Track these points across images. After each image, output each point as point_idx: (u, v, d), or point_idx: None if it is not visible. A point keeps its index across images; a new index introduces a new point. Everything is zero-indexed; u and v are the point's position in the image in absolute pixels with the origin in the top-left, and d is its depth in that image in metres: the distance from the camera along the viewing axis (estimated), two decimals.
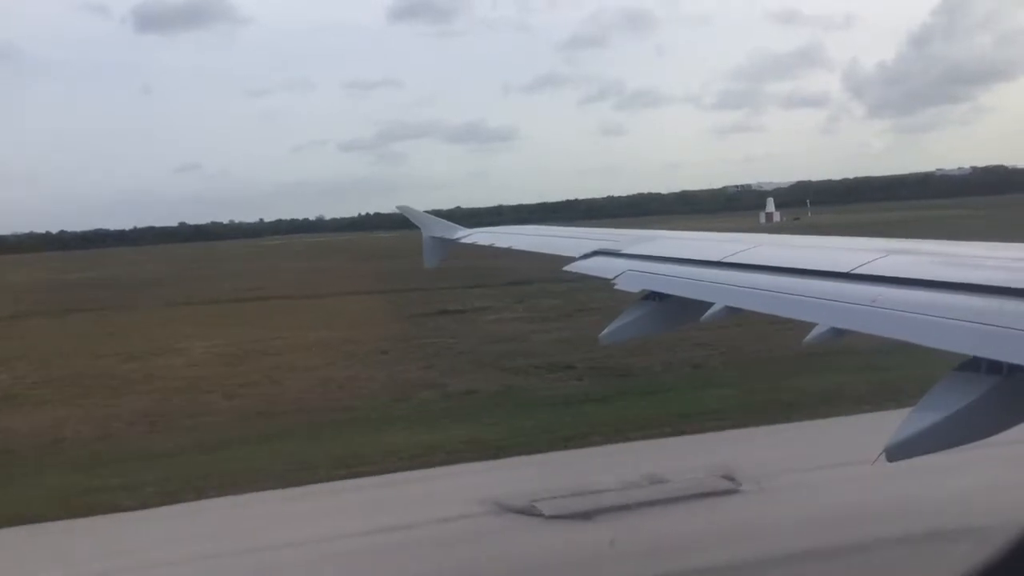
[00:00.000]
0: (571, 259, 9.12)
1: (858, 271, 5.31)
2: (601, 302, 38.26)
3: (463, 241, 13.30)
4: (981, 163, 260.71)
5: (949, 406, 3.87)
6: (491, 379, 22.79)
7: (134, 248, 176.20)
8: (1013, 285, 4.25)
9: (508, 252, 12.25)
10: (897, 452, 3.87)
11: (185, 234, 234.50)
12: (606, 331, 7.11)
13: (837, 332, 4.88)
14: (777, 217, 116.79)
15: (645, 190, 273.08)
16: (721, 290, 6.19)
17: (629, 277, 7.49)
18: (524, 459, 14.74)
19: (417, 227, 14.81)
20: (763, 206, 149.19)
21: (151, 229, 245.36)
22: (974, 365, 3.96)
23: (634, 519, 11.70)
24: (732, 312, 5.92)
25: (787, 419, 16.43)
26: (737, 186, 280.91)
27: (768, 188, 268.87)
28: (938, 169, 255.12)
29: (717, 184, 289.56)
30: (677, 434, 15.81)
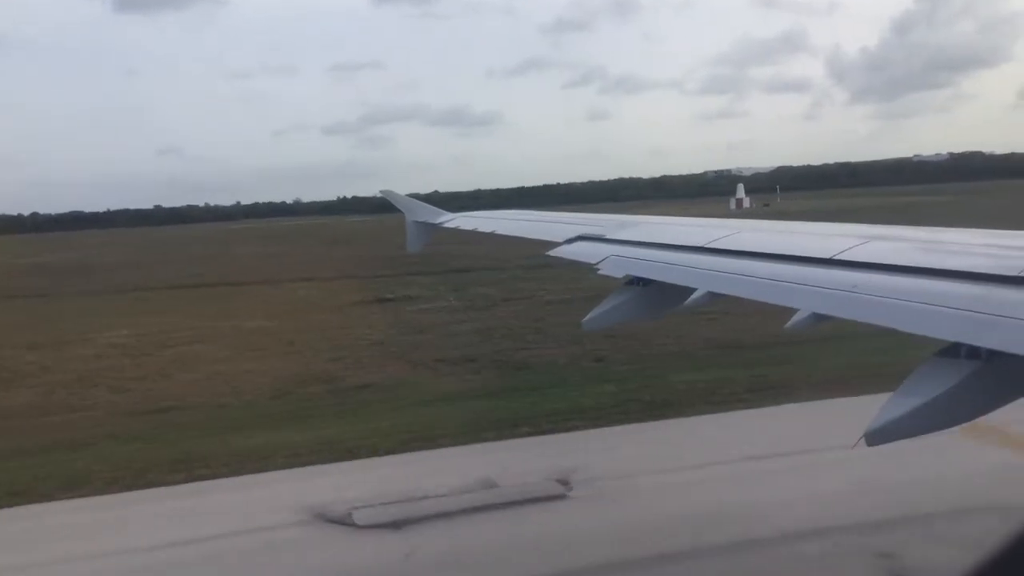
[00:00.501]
0: (554, 244, 9.05)
1: (840, 257, 5.29)
2: (535, 290, 37.95)
3: (446, 225, 13.19)
4: (959, 149, 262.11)
5: (929, 391, 3.88)
6: (390, 372, 22.30)
7: (105, 231, 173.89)
8: (994, 272, 4.26)
9: (489, 237, 12.01)
10: (876, 437, 3.87)
11: (160, 217, 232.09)
12: (589, 317, 7.08)
13: (818, 318, 4.90)
14: (747, 203, 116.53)
15: (628, 175, 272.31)
16: (704, 275, 6.18)
17: (612, 262, 7.47)
18: (368, 462, 14.25)
19: (397, 211, 14.60)
20: (751, 189, 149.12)
21: (125, 212, 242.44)
22: (954, 351, 3.98)
23: (444, 528, 11.23)
24: (715, 297, 6.02)
25: (657, 418, 16.03)
26: (717, 171, 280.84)
27: (748, 173, 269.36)
28: (916, 155, 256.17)
29: (699, 169, 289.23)
30: (536, 434, 15.37)
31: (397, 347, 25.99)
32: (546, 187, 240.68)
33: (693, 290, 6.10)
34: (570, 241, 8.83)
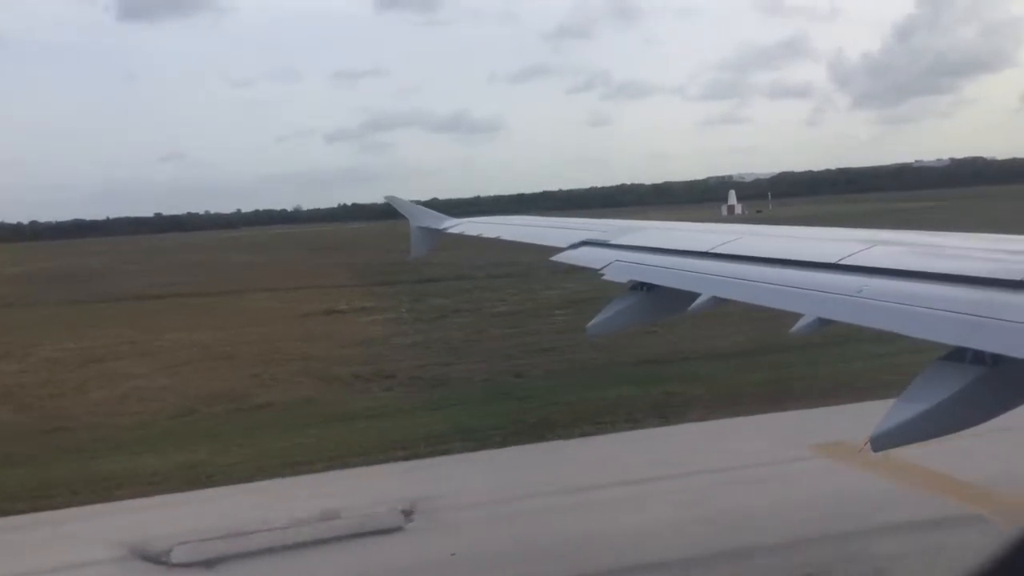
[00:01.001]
0: (558, 249, 9.09)
1: (844, 262, 5.30)
2: (492, 301, 37.41)
3: (451, 231, 13.21)
4: (962, 154, 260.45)
5: (934, 396, 3.87)
6: (302, 390, 21.80)
7: (100, 240, 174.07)
8: (998, 276, 4.24)
9: (490, 244, 11.96)
10: (882, 442, 3.87)
11: (160, 225, 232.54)
12: (593, 322, 7.09)
13: (823, 322, 4.88)
14: (739, 209, 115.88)
15: (630, 181, 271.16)
16: (708, 280, 6.19)
17: (617, 267, 7.49)
18: (220, 491, 13.69)
19: (399, 217, 14.63)
20: (751, 195, 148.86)
21: (126, 220, 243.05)
22: (959, 355, 3.97)
23: (261, 566, 10.69)
24: (719, 303, 5.95)
25: (536, 440, 15.46)
26: (719, 177, 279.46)
27: (749, 179, 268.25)
28: (916, 160, 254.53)
29: (702, 175, 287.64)
30: (411, 458, 14.80)
31: (322, 362, 25.49)
32: (545, 193, 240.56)
33: (697, 295, 6.06)
34: (574, 246, 8.86)
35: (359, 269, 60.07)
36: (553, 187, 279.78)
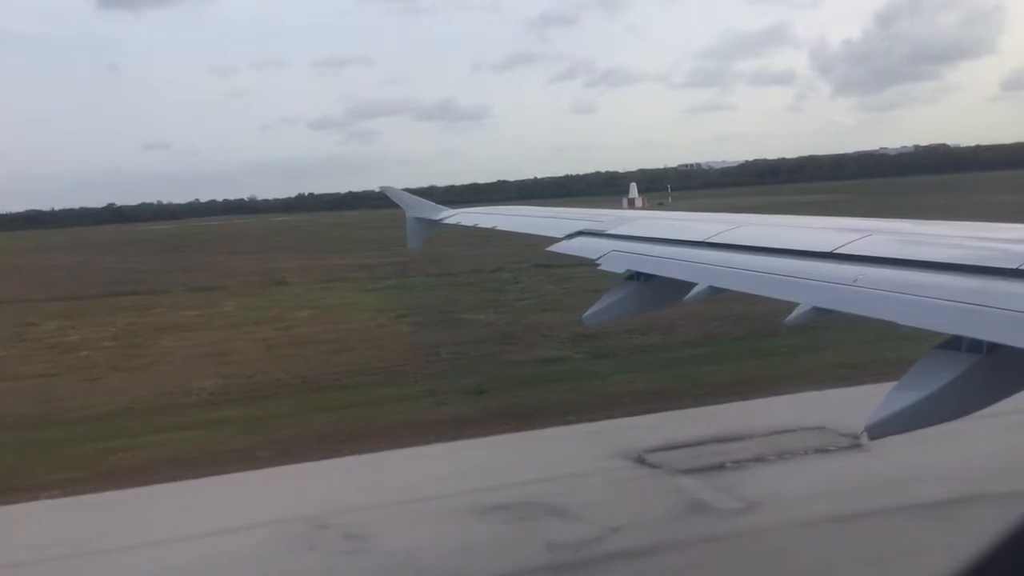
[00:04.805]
0: (553, 240, 9.04)
1: (840, 251, 5.24)
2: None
3: (446, 222, 13.20)
4: (934, 141, 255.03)
5: (930, 384, 3.85)
6: None
7: (25, 233, 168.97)
8: (994, 264, 4.21)
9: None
10: (878, 430, 3.86)
11: (105, 217, 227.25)
12: (589, 312, 7.10)
13: (819, 312, 4.86)
14: (639, 203, 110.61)
15: (608, 169, 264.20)
16: (705, 270, 6.20)
17: (613, 258, 7.46)
18: None
19: (359, 208, 12.10)
20: (710, 184, 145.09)
21: (79, 210, 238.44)
22: (955, 343, 3.95)
23: None
24: (715, 292, 5.95)
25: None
26: (687, 165, 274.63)
27: (718, 167, 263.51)
28: (881, 148, 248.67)
29: (679, 162, 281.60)
30: None
31: None
32: (500, 183, 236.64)
33: (693, 285, 6.07)
34: (570, 237, 8.83)
35: (147, 275, 54.95)
36: (535, 176, 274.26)
